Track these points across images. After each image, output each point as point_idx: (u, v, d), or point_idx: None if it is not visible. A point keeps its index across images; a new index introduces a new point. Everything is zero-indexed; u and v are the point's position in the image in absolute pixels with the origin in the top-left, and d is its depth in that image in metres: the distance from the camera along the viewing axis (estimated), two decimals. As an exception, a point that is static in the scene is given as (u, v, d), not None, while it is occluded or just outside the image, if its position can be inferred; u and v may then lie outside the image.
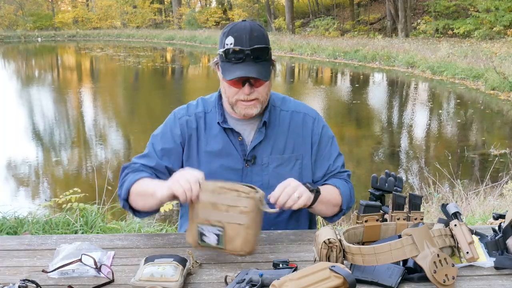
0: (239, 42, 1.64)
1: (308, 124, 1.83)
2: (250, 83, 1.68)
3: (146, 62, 23.62)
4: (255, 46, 1.64)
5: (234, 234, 1.48)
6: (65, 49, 35.49)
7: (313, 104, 12.31)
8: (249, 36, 1.64)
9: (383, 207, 1.64)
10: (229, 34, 1.66)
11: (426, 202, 4.57)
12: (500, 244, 1.51)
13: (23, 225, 3.60)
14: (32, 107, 13.47)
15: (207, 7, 45.14)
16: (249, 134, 1.79)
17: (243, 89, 1.68)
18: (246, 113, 1.73)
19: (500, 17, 21.83)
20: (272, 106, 1.82)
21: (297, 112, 1.84)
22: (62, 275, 1.46)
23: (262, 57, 1.66)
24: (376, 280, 1.37)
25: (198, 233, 1.51)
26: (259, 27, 1.70)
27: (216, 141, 1.79)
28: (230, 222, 1.48)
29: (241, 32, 1.65)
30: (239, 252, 1.49)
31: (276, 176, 1.76)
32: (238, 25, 1.68)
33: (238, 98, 1.71)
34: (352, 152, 8.44)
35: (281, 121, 1.81)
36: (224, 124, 1.77)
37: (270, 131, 1.79)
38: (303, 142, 1.82)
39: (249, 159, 1.78)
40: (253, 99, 1.70)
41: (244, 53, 1.63)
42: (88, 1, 50.82)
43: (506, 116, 10.70)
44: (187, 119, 1.81)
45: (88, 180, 6.46)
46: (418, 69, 16.72)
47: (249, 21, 1.70)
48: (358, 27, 31.27)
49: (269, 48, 1.69)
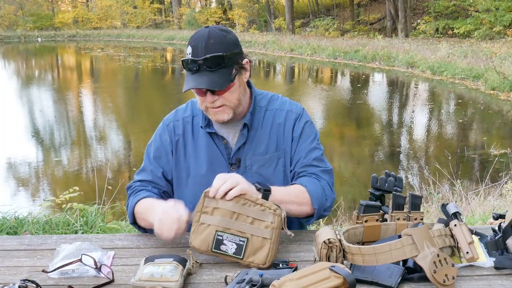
0: (195, 52, 1.63)
1: (290, 121, 1.81)
2: (212, 90, 1.66)
3: (146, 62, 23.63)
4: (207, 56, 1.61)
5: (258, 247, 1.48)
6: (65, 49, 35.50)
7: (313, 104, 12.33)
8: (205, 45, 1.62)
9: (383, 207, 1.64)
10: (189, 43, 1.66)
11: (426, 202, 4.57)
12: (500, 244, 1.51)
13: (23, 225, 3.60)
14: (32, 107, 13.48)
15: (207, 7, 45.15)
16: (234, 137, 1.79)
17: (206, 98, 1.68)
18: (217, 119, 1.72)
19: (500, 17, 21.83)
20: (258, 107, 1.81)
21: (280, 110, 1.82)
22: (62, 275, 1.46)
23: (216, 66, 1.63)
24: (376, 280, 1.37)
25: (214, 239, 1.50)
26: (220, 33, 1.65)
27: (203, 145, 1.79)
28: (255, 235, 1.49)
29: (198, 41, 1.63)
30: (259, 265, 1.48)
31: (259, 178, 1.75)
32: (198, 33, 1.67)
33: (206, 106, 1.71)
34: (352, 152, 8.45)
35: (265, 122, 1.80)
36: (207, 129, 1.78)
37: (252, 133, 1.78)
38: (285, 139, 1.80)
39: (234, 163, 1.77)
40: (220, 106, 1.69)
41: (197, 63, 1.62)
42: (88, 1, 50.83)
43: (506, 116, 10.69)
44: (174, 124, 1.83)
45: (88, 180, 6.47)
46: (418, 69, 16.72)
47: (211, 27, 1.67)
48: (358, 27, 31.28)
49: (225, 56, 1.63)
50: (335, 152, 8.12)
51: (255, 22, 38.32)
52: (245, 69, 1.73)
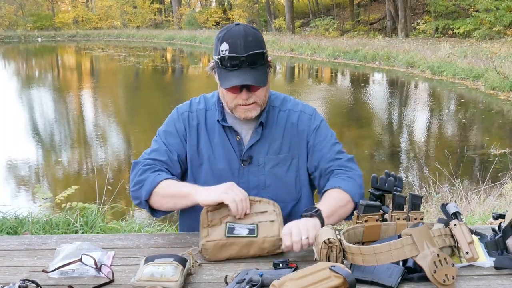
0: (234, 49, 1.63)
1: (304, 122, 1.83)
2: (248, 88, 1.68)
3: (147, 62, 23.62)
4: (250, 52, 1.63)
5: (268, 227, 1.58)
6: (65, 49, 35.49)
7: (314, 104, 12.33)
8: (244, 42, 1.63)
9: (383, 207, 1.64)
10: (224, 40, 1.65)
11: (426, 202, 4.57)
12: (500, 244, 1.51)
13: (23, 225, 3.60)
14: (32, 107, 13.48)
15: (207, 7, 45.13)
16: (247, 134, 1.79)
17: (241, 95, 1.69)
18: (246, 116, 1.73)
19: (500, 17, 21.82)
20: (272, 106, 1.82)
21: (294, 111, 1.84)
22: (62, 275, 1.46)
23: (258, 63, 1.66)
24: (376, 280, 1.37)
25: (226, 228, 1.57)
26: (254, 31, 1.69)
27: (215, 139, 1.79)
28: (262, 221, 1.60)
29: (235, 38, 1.64)
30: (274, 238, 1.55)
31: (272, 177, 1.77)
32: (232, 30, 1.67)
33: (237, 103, 1.71)
34: (352, 152, 8.43)
35: (279, 122, 1.81)
36: (224, 122, 1.78)
37: (267, 131, 1.79)
38: (299, 140, 1.81)
39: (245, 159, 1.78)
40: (252, 103, 1.71)
41: (239, 60, 1.63)
42: (88, 1, 50.82)
43: (506, 116, 10.69)
44: (189, 115, 1.83)
45: (88, 180, 6.46)
46: (418, 69, 16.72)
47: (243, 25, 1.68)
48: (358, 27, 31.27)
49: (265, 53, 1.68)
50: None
51: (255, 22, 38.31)
52: (271, 67, 1.76)
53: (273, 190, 1.78)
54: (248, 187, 1.74)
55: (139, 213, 4.66)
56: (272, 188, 1.78)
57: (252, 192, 1.71)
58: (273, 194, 1.77)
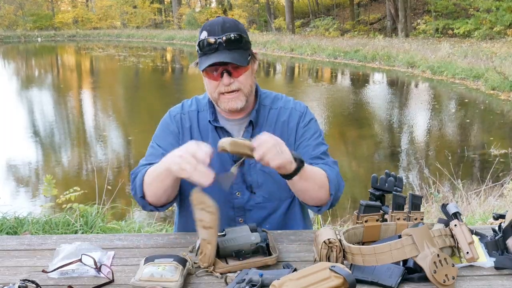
0: (212, 33, 1.66)
1: (294, 119, 1.82)
2: (229, 72, 1.67)
3: (147, 62, 23.63)
4: (227, 33, 1.64)
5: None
6: (65, 49, 35.49)
7: (313, 104, 12.33)
8: (221, 27, 1.66)
9: (383, 207, 1.64)
10: (203, 29, 1.69)
11: (426, 202, 4.57)
12: (500, 244, 1.51)
13: (23, 225, 3.61)
14: (31, 107, 13.48)
15: (207, 7, 45.17)
16: (238, 134, 1.79)
17: (222, 80, 1.68)
18: (230, 106, 1.71)
19: (500, 17, 21.82)
20: (262, 105, 1.82)
21: (284, 108, 1.83)
22: (62, 275, 1.46)
23: (235, 45, 1.66)
24: (376, 280, 1.37)
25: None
26: (234, 21, 1.72)
27: (208, 140, 1.78)
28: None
29: (214, 25, 1.67)
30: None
31: (263, 175, 1.76)
32: (212, 21, 1.71)
33: (220, 91, 1.70)
34: (352, 152, 8.45)
35: (269, 120, 1.81)
36: (215, 123, 1.78)
37: (257, 130, 1.77)
38: (289, 136, 1.80)
39: (237, 159, 1.77)
40: (234, 90, 1.69)
41: (216, 42, 1.64)
42: (88, 1, 50.83)
43: (506, 116, 10.69)
44: (181, 117, 1.83)
45: (88, 180, 6.46)
46: (418, 69, 16.72)
47: (224, 17, 1.72)
48: (358, 27, 31.29)
49: (243, 37, 1.68)
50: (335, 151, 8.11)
51: (255, 22, 38.34)
52: (255, 59, 1.75)
53: (266, 188, 1.78)
54: (243, 187, 1.76)
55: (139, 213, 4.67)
56: (265, 187, 1.78)
57: (247, 192, 1.74)
58: (267, 192, 1.78)
